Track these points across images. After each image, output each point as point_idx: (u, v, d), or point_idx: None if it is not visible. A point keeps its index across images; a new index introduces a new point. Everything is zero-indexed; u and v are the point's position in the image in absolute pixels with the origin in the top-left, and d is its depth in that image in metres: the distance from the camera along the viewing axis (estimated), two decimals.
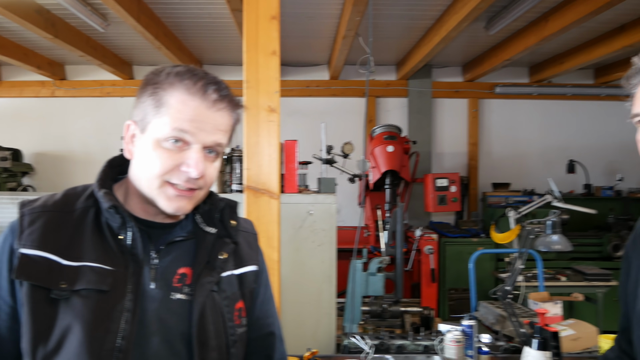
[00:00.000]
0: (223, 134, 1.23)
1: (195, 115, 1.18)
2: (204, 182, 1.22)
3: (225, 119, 1.23)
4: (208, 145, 1.20)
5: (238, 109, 1.27)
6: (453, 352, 2.61)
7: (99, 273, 1.17)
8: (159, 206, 1.21)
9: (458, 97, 7.36)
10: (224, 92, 1.21)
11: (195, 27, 5.56)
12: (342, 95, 7.26)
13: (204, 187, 1.24)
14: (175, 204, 1.20)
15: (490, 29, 5.23)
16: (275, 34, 2.72)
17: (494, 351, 2.82)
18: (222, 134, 1.23)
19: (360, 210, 4.26)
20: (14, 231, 1.20)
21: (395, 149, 5.37)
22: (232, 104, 1.24)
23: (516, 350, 2.82)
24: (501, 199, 6.72)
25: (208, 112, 1.19)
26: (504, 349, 2.86)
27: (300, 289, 3.35)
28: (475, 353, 2.67)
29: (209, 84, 1.19)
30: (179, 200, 1.21)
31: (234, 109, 1.25)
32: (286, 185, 3.37)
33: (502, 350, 2.85)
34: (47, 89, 7.27)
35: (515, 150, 7.40)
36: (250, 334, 1.37)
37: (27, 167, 6.99)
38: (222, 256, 1.29)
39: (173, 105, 1.18)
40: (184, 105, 1.17)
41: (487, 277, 5.94)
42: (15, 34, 5.71)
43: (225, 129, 1.23)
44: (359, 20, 4.64)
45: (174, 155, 1.18)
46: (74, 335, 1.12)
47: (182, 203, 1.21)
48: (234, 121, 1.27)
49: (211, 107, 1.19)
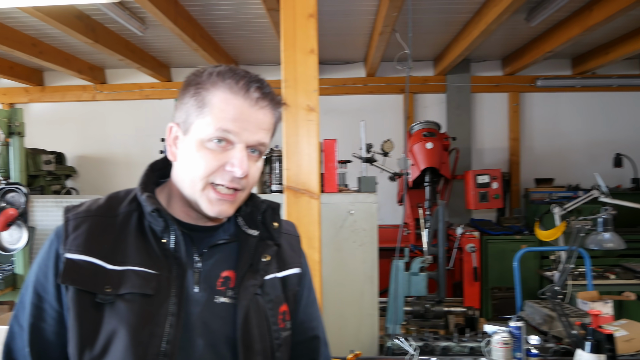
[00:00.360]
0: (265, 132, 1.22)
1: (239, 114, 1.17)
2: (247, 182, 1.21)
3: (268, 117, 1.22)
4: (251, 144, 1.20)
5: (279, 107, 1.26)
6: (501, 355, 2.53)
7: (143, 277, 1.17)
8: (201, 209, 1.20)
9: (498, 91, 7.20)
10: (266, 89, 1.21)
11: (232, 27, 5.58)
12: (379, 93, 7.19)
13: (247, 187, 1.23)
14: (217, 207, 1.20)
15: (531, 20, 5.09)
16: (313, 32, 2.69)
17: (544, 353, 2.73)
18: (265, 132, 1.22)
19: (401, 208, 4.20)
20: (59, 236, 1.21)
21: (434, 146, 5.29)
22: (274, 102, 1.23)
23: (567, 352, 2.73)
24: (545, 195, 6.55)
25: (251, 111, 1.18)
26: (554, 351, 2.76)
27: (342, 289, 3.31)
28: (524, 355, 2.59)
29: (251, 82, 1.19)
30: (220, 204, 1.20)
31: (276, 107, 1.24)
32: (326, 184, 3.33)
33: (552, 352, 2.76)
34: (88, 93, 7.41)
35: (559, 145, 7.20)
36: (294, 337, 1.35)
37: (70, 170, 7.14)
38: (265, 259, 1.28)
39: (216, 105, 1.17)
40: (227, 104, 1.17)
41: (532, 276, 5.79)
42: (56, 40, 5.83)
43: (267, 127, 1.22)
44: (395, 16, 4.58)
45: (218, 156, 1.17)
46: (119, 339, 1.11)
47: (224, 207, 1.20)
48: (276, 120, 1.26)
49: (254, 106, 1.18)
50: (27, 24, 5.25)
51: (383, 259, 3.59)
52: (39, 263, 1.22)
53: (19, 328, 1.21)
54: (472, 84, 7.12)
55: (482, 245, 5.95)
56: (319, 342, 1.43)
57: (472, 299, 5.18)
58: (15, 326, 1.22)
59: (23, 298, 1.23)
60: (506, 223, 6.54)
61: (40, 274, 1.20)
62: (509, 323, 2.62)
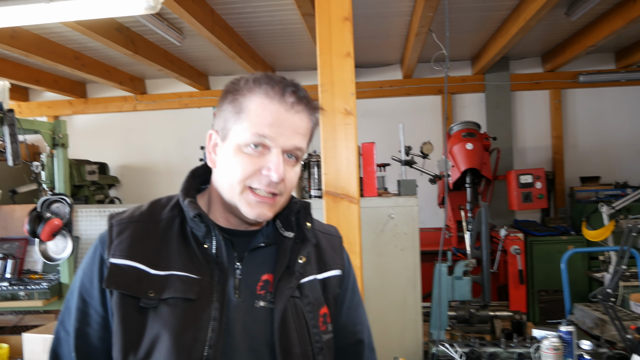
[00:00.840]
0: (302, 137, 1.23)
1: (275, 119, 1.18)
2: (284, 186, 1.22)
3: (304, 121, 1.23)
4: (288, 149, 1.20)
5: (316, 112, 1.27)
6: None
7: (186, 282, 1.18)
8: (241, 212, 1.21)
9: (538, 88, 7.03)
10: (301, 93, 1.22)
11: (267, 34, 5.61)
12: (416, 94, 7.12)
13: (285, 192, 1.24)
14: (257, 210, 1.20)
15: (571, 14, 4.95)
16: (348, 35, 2.67)
17: (596, 359, 2.64)
18: (301, 137, 1.22)
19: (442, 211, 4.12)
20: (103, 242, 1.24)
21: (474, 146, 5.20)
22: (310, 106, 1.24)
23: (621, 357, 2.63)
24: (591, 194, 6.36)
25: (287, 115, 1.19)
26: (608, 357, 2.67)
27: (384, 294, 3.27)
28: None
29: (286, 86, 1.20)
30: (260, 207, 1.20)
31: (312, 112, 1.25)
32: (365, 188, 3.30)
33: (606, 357, 2.66)
34: (129, 104, 7.56)
35: (604, 142, 6.97)
36: (337, 342, 1.34)
37: (113, 180, 7.28)
38: (301, 260, 1.28)
39: (252, 110, 1.19)
40: (263, 109, 1.18)
41: (580, 278, 5.64)
42: (98, 53, 5.97)
43: (303, 132, 1.23)
44: (431, 16, 4.52)
45: (254, 160, 1.19)
46: (162, 343, 1.13)
47: (263, 209, 1.21)
48: (313, 124, 1.27)
49: (289, 110, 1.20)
50: (70, 38, 5.39)
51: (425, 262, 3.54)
52: (83, 268, 1.25)
53: (65, 333, 1.24)
54: (512, 82, 6.98)
55: (527, 246, 5.82)
56: (364, 346, 1.40)
57: (518, 303, 5.06)
58: (62, 331, 1.25)
59: (69, 303, 1.26)
60: (551, 223, 6.38)
61: (86, 279, 1.23)
62: (558, 327, 2.55)
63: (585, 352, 2.58)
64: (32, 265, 3.90)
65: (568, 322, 2.54)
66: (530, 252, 5.89)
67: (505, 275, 5.39)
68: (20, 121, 3.27)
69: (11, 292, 3.52)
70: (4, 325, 3.97)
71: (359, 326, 1.40)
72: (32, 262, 3.90)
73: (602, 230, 4.54)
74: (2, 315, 3.97)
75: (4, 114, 3.15)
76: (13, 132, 3.15)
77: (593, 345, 2.68)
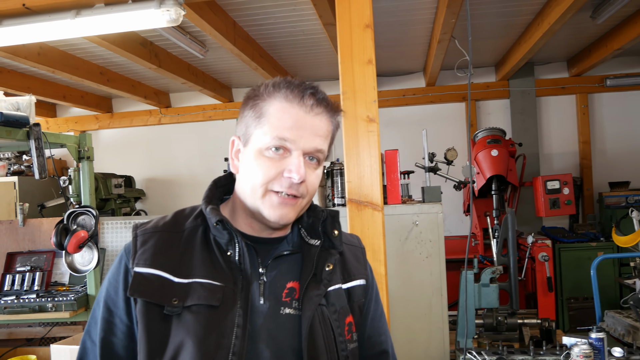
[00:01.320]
0: (322, 139, 1.23)
1: (294, 121, 1.19)
2: (305, 189, 1.22)
3: (324, 123, 1.24)
4: (308, 151, 1.21)
5: (336, 114, 1.27)
6: None
7: (209, 289, 1.18)
8: (263, 215, 1.22)
9: (564, 93, 6.92)
10: (320, 95, 1.22)
11: (289, 45, 5.63)
12: (439, 102, 7.07)
13: (306, 195, 1.24)
14: (279, 211, 1.21)
15: (597, 17, 4.88)
16: (369, 42, 2.67)
17: None
18: (322, 139, 1.23)
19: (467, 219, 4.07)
20: (128, 252, 1.25)
21: (499, 153, 5.14)
22: (330, 108, 1.25)
23: None
24: (621, 199, 6.22)
25: (307, 117, 1.20)
26: None
27: (410, 302, 3.24)
28: None
29: (305, 89, 1.21)
30: (282, 208, 1.21)
31: (332, 114, 1.26)
32: (389, 196, 3.29)
33: None
34: (154, 117, 7.66)
35: (633, 146, 6.83)
36: (362, 352, 1.34)
37: (139, 193, 7.37)
38: (328, 267, 1.27)
39: (272, 114, 1.20)
40: (283, 112, 1.20)
41: (611, 284, 5.52)
42: (123, 67, 6.06)
43: (324, 134, 1.24)
44: (453, 23, 4.49)
45: (276, 163, 1.19)
46: (186, 350, 1.13)
47: (285, 210, 1.21)
48: (333, 127, 1.28)
49: (309, 112, 1.21)
50: (95, 54, 5.48)
51: (450, 271, 3.50)
52: (109, 279, 1.27)
53: (92, 343, 1.25)
54: (537, 87, 6.89)
55: (555, 253, 5.71)
56: (388, 357, 1.40)
57: (547, 310, 4.96)
58: (88, 341, 1.27)
59: (95, 313, 1.27)
60: (580, 230, 6.26)
61: (111, 288, 1.25)
62: (589, 334, 2.49)
63: (616, 359, 2.51)
64: (59, 278, 3.96)
65: (598, 329, 2.47)
66: (558, 259, 5.78)
67: (533, 283, 5.30)
68: (47, 135, 3.33)
69: (39, 304, 3.56)
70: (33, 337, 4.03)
71: (383, 337, 1.40)
72: (59, 274, 3.96)
73: (633, 236, 4.43)
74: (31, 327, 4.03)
75: (31, 128, 3.21)
76: (39, 146, 3.21)
77: (624, 352, 2.62)
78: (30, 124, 3.22)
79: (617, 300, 5.63)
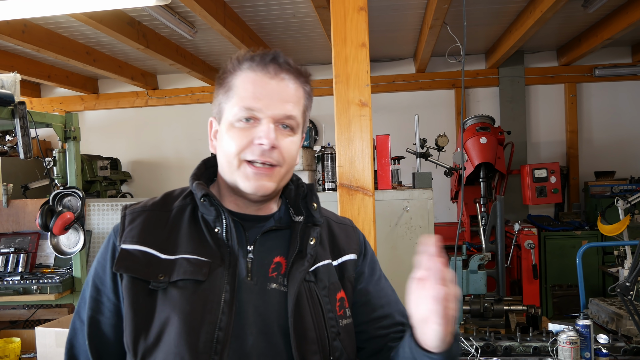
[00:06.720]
0: (292, 105, 1.23)
1: (259, 89, 1.20)
2: (280, 155, 1.21)
3: (290, 88, 1.23)
4: (278, 118, 1.21)
5: (303, 79, 1.27)
6: (568, 355, 2.42)
7: (195, 264, 1.18)
8: (240, 188, 1.22)
9: (553, 82, 6.95)
10: (282, 59, 1.23)
11: (280, 27, 5.58)
12: (429, 88, 7.07)
13: (283, 163, 1.23)
14: (255, 182, 1.20)
15: (588, 6, 4.87)
16: (363, 25, 2.64)
17: (614, 353, 2.60)
18: (292, 105, 1.23)
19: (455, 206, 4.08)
20: (116, 231, 1.25)
21: (488, 140, 5.14)
22: (294, 72, 1.25)
23: (639, 351, 2.58)
24: (606, 189, 6.28)
25: (271, 83, 1.21)
26: (625, 350, 2.63)
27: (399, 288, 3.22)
28: (593, 355, 2.47)
29: (267, 55, 1.22)
30: (258, 179, 1.20)
31: (299, 78, 1.25)
32: (380, 181, 3.27)
33: (623, 351, 2.62)
34: (140, 99, 7.57)
35: (619, 136, 6.88)
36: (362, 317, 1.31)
37: (125, 175, 7.29)
38: (312, 242, 1.26)
39: (239, 85, 1.22)
40: (248, 82, 1.21)
41: (594, 273, 5.59)
42: (109, 48, 5.97)
43: (293, 100, 1.23)
44: (446, 8, 4.47)
45: (246, 132, 1.20)
46: (172, 326, 1.12)
47: (261, 182, 1.20)
48: (304, 93, 1.27)
49: (273, 78, 1.21)
50: (81, 33, 5.39)
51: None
52: (97, 258, 1.27)
53: (80, 323, 1.26)
54: (526, 76, 6.90)
55: (540, 241, 5.76)
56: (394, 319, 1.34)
57: (531, 297, 5.02)
58: (77, 321, 1.27)
59: (84, 293, 1.27)
60: (565, 218, 6.32)
61: (99, 267, 1.25)
62: (575, 321, 2.50)
63: (602, 346, 2.53)
64: (44, 260, 3.90)
65: (585, 316, 2.49)
66: (543, 247, 5.84)
67: (518, 270, 5.35)
68: (32, 114, 3.26)
69: (23, 286, 3.51)
70: (17, 320, 3.98)
71: (384, 299, 1.36)
72: (44, 256, 3.91)
73: (617, 225, 4.47)
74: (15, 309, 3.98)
75: (15, 107, 3.14)
76: (24, 125, 3.14)
77: (610, 339, 2.64)
78: (15, 102, 3.15)
79: (601, 288, 5.70)
